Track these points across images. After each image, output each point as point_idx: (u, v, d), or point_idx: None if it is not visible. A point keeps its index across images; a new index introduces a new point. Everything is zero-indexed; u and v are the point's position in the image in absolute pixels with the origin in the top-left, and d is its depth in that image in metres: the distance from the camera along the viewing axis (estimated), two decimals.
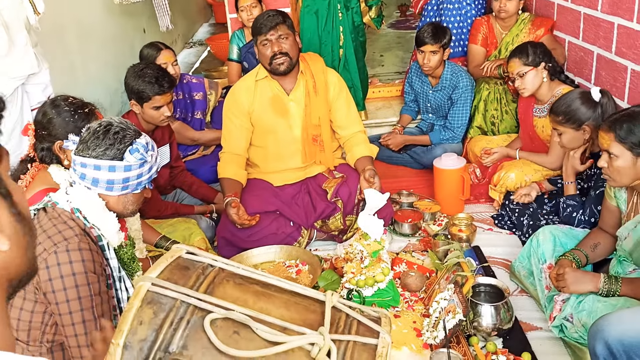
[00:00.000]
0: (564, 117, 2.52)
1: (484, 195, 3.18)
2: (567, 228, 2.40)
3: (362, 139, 2.90)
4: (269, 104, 2.79)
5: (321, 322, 0.91)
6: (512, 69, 2.94)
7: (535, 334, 2.20)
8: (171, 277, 0.93)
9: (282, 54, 2.66)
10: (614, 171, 1.99)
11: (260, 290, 0.97)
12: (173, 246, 1.04)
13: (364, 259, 2.31)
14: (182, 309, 0.88)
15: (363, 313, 1.01)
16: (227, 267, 0.99)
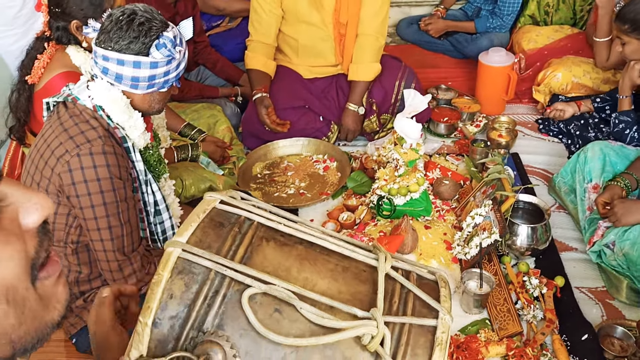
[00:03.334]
0: (630, 25, 2.23)
1: (527, 94, 2.96)
2: (618, 145, 2.22)
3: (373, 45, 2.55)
4: None
5: (373, 296, 0.81)
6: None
7: (569, 254, 2.13)
8: (204, 240, 0.81)
9: None
10: None
11: (305, 252, 0.86)
12: (205, 195, 0.90)
13: (399, 167, 2.19)
14: (217, 280, 0.77)
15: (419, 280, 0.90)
16: (266, 223, 0.87)
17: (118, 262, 1.60)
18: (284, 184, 2.49)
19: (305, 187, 2.47)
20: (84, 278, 1.69)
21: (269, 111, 2.49)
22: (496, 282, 1.91)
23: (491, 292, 1.87)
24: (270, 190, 2.46)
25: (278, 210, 0.93)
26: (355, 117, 2.58)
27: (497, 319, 1.83)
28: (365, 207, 2.28)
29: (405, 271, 0.92)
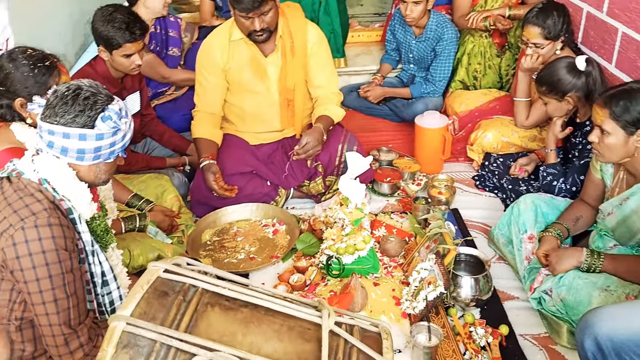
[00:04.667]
0: (547, 87, 2.45)
1: (462, 153, 3.13)
2: (548, 197, 2.38)
3: (333, 99, 2.74)
4: (247, 64, 2.63)
5: (318, 354, 0.85)
6: (529, 37, 2.74)
7: (512, 303, 2.22)
8: (148, 311, 0.84)
9: (262, 30, 2.49)
10: (605, 147, 1.95)
11: (250, 315, 0.89)
12: (149, 265, 0.94)
13: (345, 226, 2.26)
14: (162, 352, 0.80)
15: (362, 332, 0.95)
16: (211, 288, 0.90)
17: (64, 336, 1.57)
18: (234, 249, 2.51)
19: (256, 252, 2.50)
20: (27, 356, 1.64)
21: (217, 177, 2.54)
22: (444, 334, 1.97)
23: (440, 344, 1.92)
24: (220, 257, 2.47)
25: (224, 273, 0.97)
26: (319, 134, 2.58)
27: None
28: (315, 268, 2.33)
29: (349, 326, 0.96)
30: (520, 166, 2.75)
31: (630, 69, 2.54)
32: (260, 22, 2.46)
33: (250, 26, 2.48)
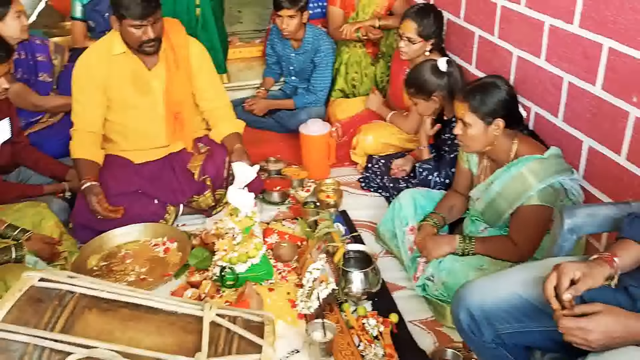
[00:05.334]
0: (415, 89, 2.64)
1: (347, 158, 3.26)
2: (425, 191, 2.54)
3: (228, 114, 2.81)
4: (129, 80, 2.58)
5: (199, 343, 0.86)
6: (405, 30, 2.92)
7: (400, 293, 2.33)
8: (21, 317, 0.82)
9: (154, 40, 2.47)
10: (468, 138, 2.12)
11: (129, 314, 0.89)
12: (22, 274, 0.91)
13: (235, 235, 2.27)
14: (36, 353, 0.78)
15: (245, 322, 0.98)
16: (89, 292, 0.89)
17: None
18: (123, 272, 2.43)
19: (147, 272, 2.44)
20: None
21: (100, 199, 2.46)
22: (338, 328, 2.03)
23: (335, 339, 1.98)
24: (109, 282, 2.38)
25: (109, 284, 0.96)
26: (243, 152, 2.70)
27: None
28: (209, 281, 2.31)
29: (232, 317, 0.98)
30: (398, 167, 2.91)
31: (487, 69, 2.79)
32: (153, 32, 2.44)
33: (143, 35, 2.44)
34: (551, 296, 1.33)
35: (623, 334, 1.25)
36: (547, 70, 2.38)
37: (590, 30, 2.11)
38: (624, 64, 1.97)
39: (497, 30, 2.72)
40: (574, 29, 2.19)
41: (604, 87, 2.08)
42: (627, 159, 2.03)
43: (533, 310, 1.44)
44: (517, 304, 1.48)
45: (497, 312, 1.49)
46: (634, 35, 1.90)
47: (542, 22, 2.36)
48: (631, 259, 1.40)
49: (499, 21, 2.69)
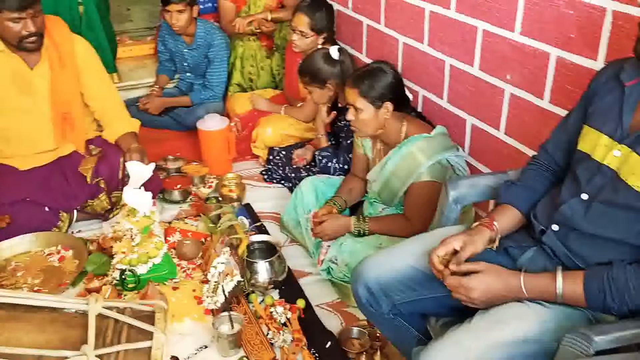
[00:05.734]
0: (309, 77, 2.68)
1: (249, 151, 3.25)
2: (325, 177, 2.59)
3: (121, 113, 2.70)
4: (10, 81, 2.42)
5: (85, 337, 0.84)
6: (297, 24, 2.96)
7: (307, 279, 2.37)
8: None
9: (35, 35, 2.32)
10: (360, 123, 2.18)
11: (6, 315, 0.85)
12: None
13: (134, 236, 2.20)
14: None
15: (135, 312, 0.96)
16: None
17: None
18: (13, 286, 2.28)
19: (41, 283, 2.30)
20: None
21: None
22: (246, 319, 2.03)
23: (243, 330, 1.97)
24: None
25: None
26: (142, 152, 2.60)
27: (252, 353, 1.93)
28: (109, 286, 2.23)
29: (121, 308, 0.96)
30: (298, 157, 2.94)
31: (377, 56, 2.88)
32: (33, 25, 2.29)
33: (23, 30, 2.29)
34: (435, 266, 1.42)
35: (503, 291, 1.35)
36: (431, 55, 2.51)
37: (465, 14, 2.24)
38: (497, 45, 2.11)
39: (383, 19, 2.82)
40: (451, 13, 2.31)
41: (481, 67, 2.22)
42: (505, 133, 2.18)
43: (425, 279, 1.52)
44: (410, 274, 1.55)
45: (393, 284, 1.55)
46: (504, 17, 2.04)
47: (423, 8, 2.48)
48: (509, 222, 1.51)
49: (384, 10, 2.79)
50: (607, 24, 1.67)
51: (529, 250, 1.45)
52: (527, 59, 1.98)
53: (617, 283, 1.23)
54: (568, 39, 1.81)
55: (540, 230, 1.43)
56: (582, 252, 1.34)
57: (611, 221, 1.30)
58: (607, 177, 1.32)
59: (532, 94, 2.00)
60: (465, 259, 1.41)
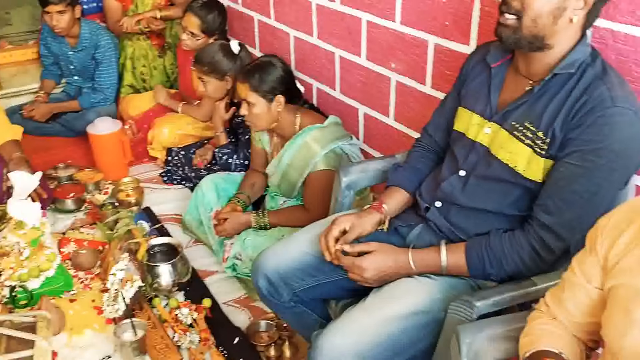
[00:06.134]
0: (208, 67, 2.64)
1: (146, 154, 3.16)
2: (225, 174, 2.57)
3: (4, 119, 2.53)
4: None
5: None
6: (188, 25, 2.91)
7: (213, 278, 2.34)
8: None
9: None
10: (254, 117, 2.19)
11: None
12: None
13: (22, 250, 2.08)
14: None
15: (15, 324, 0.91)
16: None
17: None
18: None
19: None
20: None
21: None
22: (150, 325, 1.98)
23: (147, 336, 1.92)
24: None
25: None
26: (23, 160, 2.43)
27: (158, 358, 1.89)
28: None
29: None
30: (199, 157, 2.89)
31: (270, 51, 2.89)
32: None
33: None
34: (324, 248, 1.46)
35: (394, 268, 1.41)
36: (321, 47, 2.55)
37: (350, 6, 2.30)
38: (381, 35, 2.19)
39: (273, 14, 2.83)
40: (336, 6, 2.37)
41: (368, 57, 2.30)
42: (395, 119, 2.27)
43: (323, 264, 1.55)
44: (307, 261, 1.58)
45: (292, 272, 1.58)
46: (385, 8, 2.12)
47: (310, 2, 2.52)
48: (397, 203, 1.58)
49: (273, 5, 2.81)
50: (476, 10, 1.78)
51: (417, 228, 1.52)
52: (408, 47, 2.07)
53: (494, 251, 1.33)
54: (443, 27, 1.91)
55: (425, 207, 1.51)
56: (463, 225, 1.43)
57: (486, 194, 1.39)
58: (480, 154, 1.41)
59: (415, 80, 2.09)
60: (353, 239, 1.46)
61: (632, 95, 1.25)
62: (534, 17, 1.22)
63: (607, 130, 1.18)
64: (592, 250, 0.99)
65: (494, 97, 1.41)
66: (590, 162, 1.19)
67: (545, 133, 1.26)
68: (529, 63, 1.33)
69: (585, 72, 1.25)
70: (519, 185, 1.33)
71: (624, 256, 0.92)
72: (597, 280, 0.99)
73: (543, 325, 1.06)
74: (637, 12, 1.36)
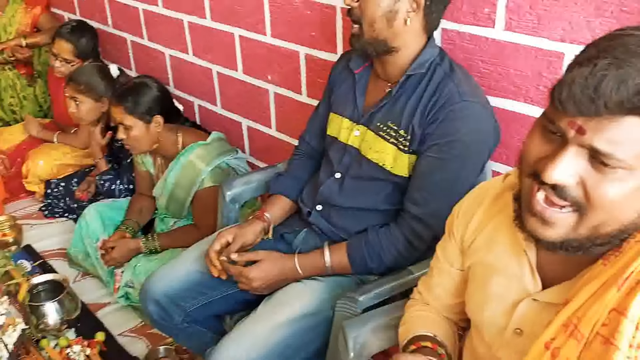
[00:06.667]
0: (85, 87, 2.53)
1: (22, 189, 2.98)
2: (110, 201, 2.48)
3: None
4: None
5: None
6: (60, 51, 2.78)
7: (105, 310, 2.26)
8: None
9: None
10: (132, 140, 2.14)
11: None
12: None
13: None
14: None
15: None
16: None
17: None
18: None
19: None
20: None
21: None
22: None
23: None
24: None
25: None
26: None
27: None
28: None
29: None
30: (81, 191, 2.75)
31: (146, 71, 2.83)
32: None
33: None
34: (209, 264, 1.46)
35: (281, 275, 1.44)
36: (198, 64, 2.55)
37: (221, 22, 2.32)
38: (254, 49, 2.22)
39: (145, 34, 2.78)
40: (208, 23, 2.38)
41: (245, 71, 2.32)
42: (277, 130, 2.31)
43: (212, 280, 1.55)
44: (197, 279, 1.57)
45: (182, 293, 1.56)
46: (255, 22, 2.15)
47: (181, 20, 2.51)
48: (280, 211, 1.61)
49: (144, 24, 2.76)
50: (339, 20, 1.86)
51: (301, 233, 1.56)
52: (282, 59, 2.12)
53: (372, 246, 1.39)
54: (312, 37, 1.98)
55: (307, 212, 1.55)
56: (343, 224, 1.49)
57: (361, 193, 1.46)
58: (352, 155, 1.48)
59: (291, 90, 2.15)
60: (237, 250, 1.47)
61: (478, 89, 1.37)
62: (370, 22, 1.31)
63: (458, 123, 1.28)
64: (450, 236, 1.07)
65: (359, 101, 1.49)
66: (447, 153, 1.29)
67: (406, 131, 1.35)
68: (384, 67, 1.42)
69: (435, 71, 1.35)
70: (389, 182, 1.41)
71: (477, 236, 1.01)
72: (458, 263, 1.07)
73: (417, 312, 1.13)
74: (477, 14, 1.49)
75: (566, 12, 1.31)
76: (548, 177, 0.72)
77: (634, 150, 0.68)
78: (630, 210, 0.72)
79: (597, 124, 0.68)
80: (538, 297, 0.89)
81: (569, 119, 0.70)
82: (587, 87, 0.67)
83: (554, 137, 0.74)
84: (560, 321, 0.80)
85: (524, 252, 0.90)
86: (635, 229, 0.75)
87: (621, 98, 0.66)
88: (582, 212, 0.73)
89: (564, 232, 0.76)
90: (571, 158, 0.71)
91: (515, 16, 1.40)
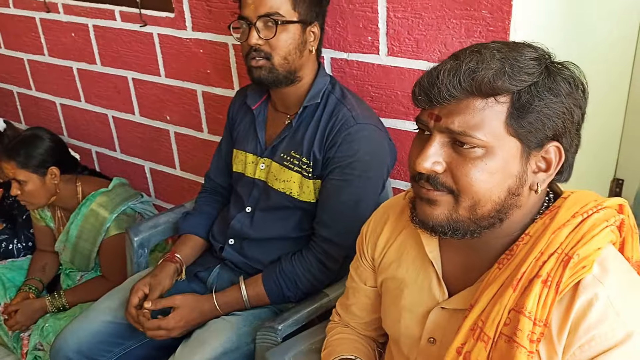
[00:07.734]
0: None
1: None
2: (9, 262, 2.33)
3: None
4: None
5: None
6: None
7: None
8: None
9: None
10: (28, 196, 2.04)
11: None
12: None
13: None
14: None
15: None
16: None
17: None
18: None
19: None
20: None
21: None
22: None
23: None
24: None
25: None
26: None
27: None
28: None
29: None
30: None
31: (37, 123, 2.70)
32: None
33: None
34: (133, 322, 1.42)
35: (200, 318, 1.42)
36: (92, 111, 2.48)
37: (112, 66, 2.28)
38: (150, 90, 2.20)
39: (32, 84, 2.68)
40: (98, 68, 2.33)
41: (142, 113, 2.29)
42: (180, 169, 2.29)
43: (127, 330, 1.50)
44: (111, 330, 1.51)
45: (96, 346, 1.50)
46: (147, 64, 2.14)
47: (70, 67, 2.44)
48: (191, 250, 1.60)
49: (30, 74, 2.65)
50: (232, 56, 1.89)
51: (215, 269, 1.55)
52: (178, 98, 2.12)
53: (287, 274, 1.41)
54: (207, 75, 2.00)
55: (220, 247, 1.55)
56: (257, 256, 1.50)
57: (272, 223, 1.48)
58: (260, 188, 1.50)
59: (192, 128, 2.15)
60: (155, 297, 1.44)
61: (370, 112, 1.44)
62: (284, 55, 1.35)
63: (355, 145, 1.34)
64: (361, 255, 1.11)
65: (261, 135, 1.52)
66: (348, 175, 1.35)
67: (308, 158, 1.40)
68: (283, 99, 1.46)
69: (329, 99, 1.41)
70: (298, 209, 1.44)
71: (386, 252, 1.05)
72: (371, 280, 1.11)
73: (337, 335, 1.16)
74: (362, 42, 1.58)
75: (440, 35, 1.43)
76: (419, 166, 0.81)
77: (485, 128, 0.78)
78: (498, 189, 0.80)
79: (448, 109, 0.79)
80: (445, 304, 0.94)
81: (428, 112, 0.82)
82: (432, 79, 0.79)
83: (425, 136, 0.84)
84: (467, 326, 0.86)
85: (431, 263, 0.95)
86: (511, 207, 0.83)
87: (460, 83, 0.77)
88: (455, 195, 0.82)
89: (447, 210, 0.83)
90: (436, 147, 0.81)
91: (396, 42, 1.50)
